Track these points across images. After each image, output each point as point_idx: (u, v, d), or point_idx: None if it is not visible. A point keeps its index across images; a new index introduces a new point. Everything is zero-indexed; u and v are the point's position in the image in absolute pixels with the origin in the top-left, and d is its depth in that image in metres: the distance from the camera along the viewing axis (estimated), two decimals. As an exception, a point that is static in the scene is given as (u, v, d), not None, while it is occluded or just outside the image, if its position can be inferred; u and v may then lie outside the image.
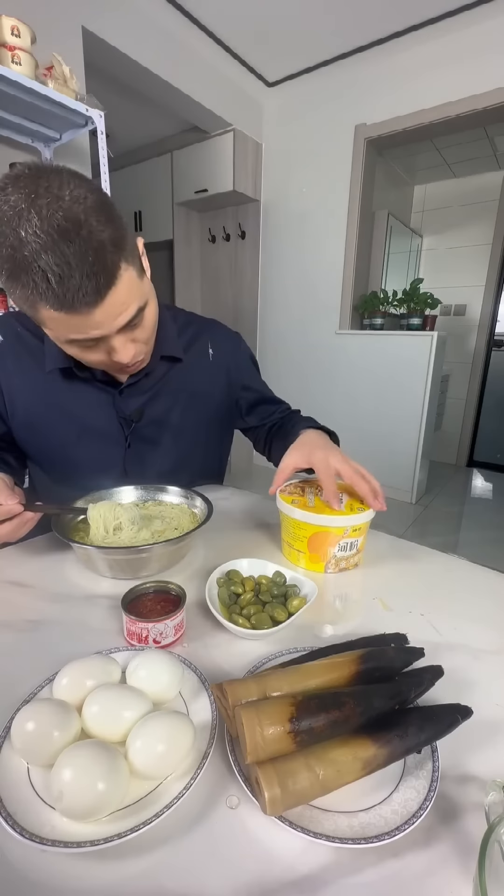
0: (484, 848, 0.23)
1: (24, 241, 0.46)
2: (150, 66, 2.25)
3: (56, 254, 0.47)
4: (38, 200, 0.46)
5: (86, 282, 0.49)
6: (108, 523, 0.61)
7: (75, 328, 0.55)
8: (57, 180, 0.48)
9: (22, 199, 0.46)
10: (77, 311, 0.51)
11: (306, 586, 0.54)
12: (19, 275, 0.49)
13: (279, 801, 0.28)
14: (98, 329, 0.56)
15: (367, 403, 2.96)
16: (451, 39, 2.29)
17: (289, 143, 2.98)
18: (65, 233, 0.47)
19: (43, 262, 0.47)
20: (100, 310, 0.53)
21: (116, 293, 0.53)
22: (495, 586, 0.61)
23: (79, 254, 0.48)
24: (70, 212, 0.47)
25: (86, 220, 0.48)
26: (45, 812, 0.29)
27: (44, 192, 0.47)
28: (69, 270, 0.48)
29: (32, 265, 0.47)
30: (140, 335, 0.63)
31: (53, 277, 0.48)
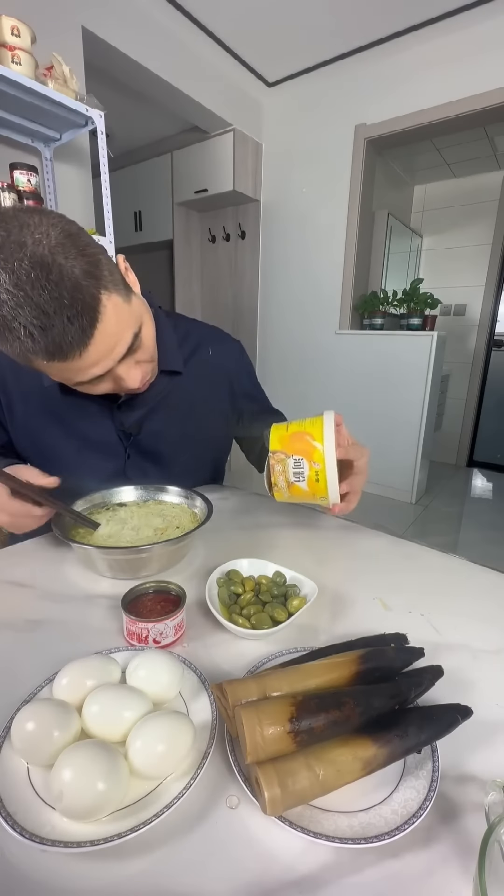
0: (484, 848, 0.23)
1: (5, 312, 0.46)
2: (150, 66, 2.25)
3: (31, 307, 0.45)
4: (2, 253, 0.45)
5: (69, 327, 0.47)
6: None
7: (76, 372, 0.54)
8: (16, 224, 0.46)
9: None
10: (69, 357, 0.50)
11: (306, 586, 0.54)
12: (4, 334, 0.47)
13: (279, 801, 0.28)
14: (98, 367, 0.55)
15: (366, 403, 2.96)
16: (451, 39, 2.30)
17: (289, 143, 2.98)
18: (34, 281, 0.45)
19: (22, 318, 0.46)
20: (92, 349, 0.51)
21: (104, 327, 0.51)
22: (495, 586, 0.61)
23: (54, 300, 0.46)
24: (35, 257, 0.45)
25: (53, 261, 0.46)
26: (45, 812, 0.29)
27: (4, 241, 0.45)
28: (49, 321, 0.46)
29: (13, 323, 0.46)
30: (143, 356, 0.62)
31: (35, 331, 0.46)
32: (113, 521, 0.66)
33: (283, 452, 0.57)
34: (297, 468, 0.56)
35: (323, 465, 0.55)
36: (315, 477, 0.56)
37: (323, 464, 0.55)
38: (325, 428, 0.56)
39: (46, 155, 1.86)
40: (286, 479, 0.57)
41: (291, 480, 0.57)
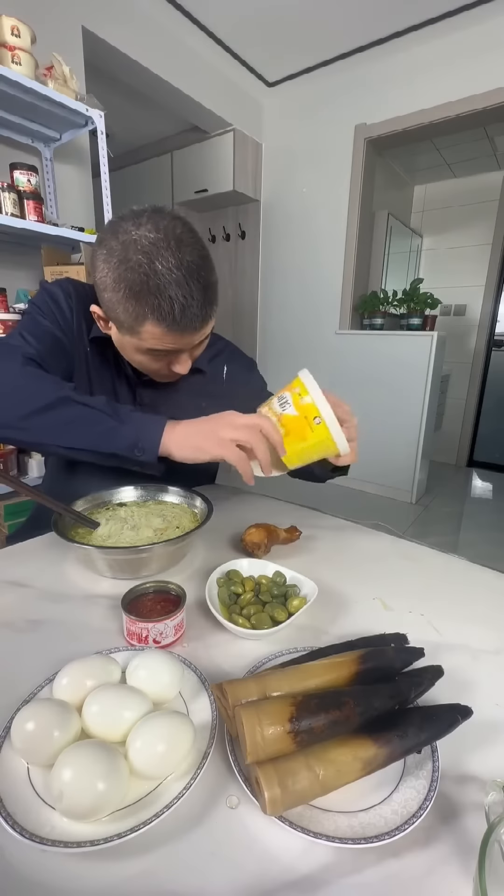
0: (484, 848, 0.23)
1: (159, 273, 0.56)
2: (150, 66, 2.25)
3: (185, 288, 0.57)
4: (177, 246, 0.56)
5: (199, 311, 0.60)
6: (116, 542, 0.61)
7: (166, 342, 0.62)
8: (184, 235, 0.58)
9: (162, 238, 0.56)
10: (184, 333, 0.61)
11: (306, 586, 0.54)
12: (146, 297, 0.57)
13: (279, 801, 0.28)
14: (180, 344, 0.63)
15: (366, 403, 2.96)
16: (451, 39, 2.30)
17: (289, 143, 2.98)
18: (193, 271, 0.57)
19: (173, 292, 0.56)
20: (197, 335, 0.63)
21: (211, 323, 0.65)
22: (495, 586, 0.61)
23: (200, 289, 0.59)
24: (196, 260, 0.58)
25: (205, 267, 0.59)
26: (45, 812, 0.29)
27: (179, 242, 0.57)
28: (191, 302, 0.58)
29: (163, 293, 0.56)
30: (197, 352, 0.71)
31: (177, 306, 0.57)
32: (113, 520, 0.66)
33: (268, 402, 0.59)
34: (281, 401, 0.58)
35: (315, 409, 0.55)
36: (304, 411, 0.55)
37: (316, 409, 0.55)
38: (304, 380, 0.57)
39: (46, 155, 1.86)
40: (275, 414, 0.58)
41: (279, 412, 0.57)
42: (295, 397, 0.57)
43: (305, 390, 0.56)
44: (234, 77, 2.74)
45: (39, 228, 1.58)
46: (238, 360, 0.93)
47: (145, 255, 0.56)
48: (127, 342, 0.65)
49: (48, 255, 1.73)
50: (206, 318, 0.62)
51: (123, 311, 0.60)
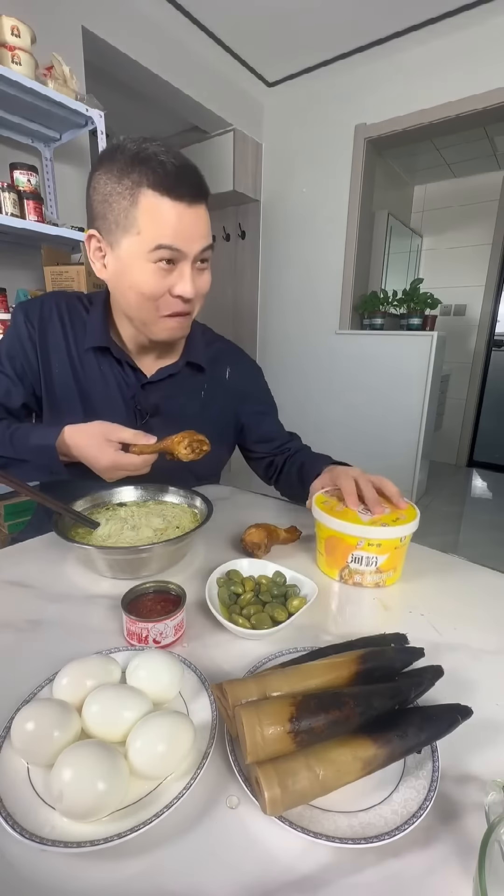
0: (484, 848, 0.23)
1: (149, 148, 0.60)
2: (150, 66, 2.25)
3: (175, 158, 0.61)
4: (160, 141, 0.62)
5: (193, 178, 0.62)
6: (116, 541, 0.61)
7: (172, 226, 0.62)
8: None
9: (146, 139, 0.62)
10: (180, 196, 0.61)
11: (306, 586, 0.54)
12: (138, 167, 0.60)
13: (279, 801, 0.28)
14: (185, 237, 0.63)
15: (367, 403, 2.96)
16: (451, 39, 2.29)
17: (289, 143, 2.98)
18: (181, 155, 0.62)
19: (164, 157, 0.60)
20: (192, 212, 0.63)
21: (203, 212, 0.65)
22: (495, 586, 0.61)
23: (191, 167, 0.63)
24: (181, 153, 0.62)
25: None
26: (45, 812, 0.29)
27: (161, 139, 0.63)
28: (181, 169, 0.61)
29: (154, 158, 0.60)
30: (200, 283, 0.70)
31: (171, 167, 0.60)
32: (113, 520, 0.66)
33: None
34: (355, 563, 0.59)
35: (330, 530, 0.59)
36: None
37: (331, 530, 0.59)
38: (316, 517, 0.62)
39: (46, 155, 1.86)
40: (357, 576, 0.60)
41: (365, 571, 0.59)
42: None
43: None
44: (234, 77, 2.74)
45: (39, 228, 1.58)
46: (243, 362, 0.93)
47: (134, 143, 0.61)
48: (126, 252, 0.64)
49: (48, 255, 1.73)
50: (199, 194, 0.63)
51: (119, 195, 0.61)
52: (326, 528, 0.59)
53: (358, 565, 0.58)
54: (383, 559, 0.57)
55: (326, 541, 0.61)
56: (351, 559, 0.58)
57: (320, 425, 3.19)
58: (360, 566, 0.58)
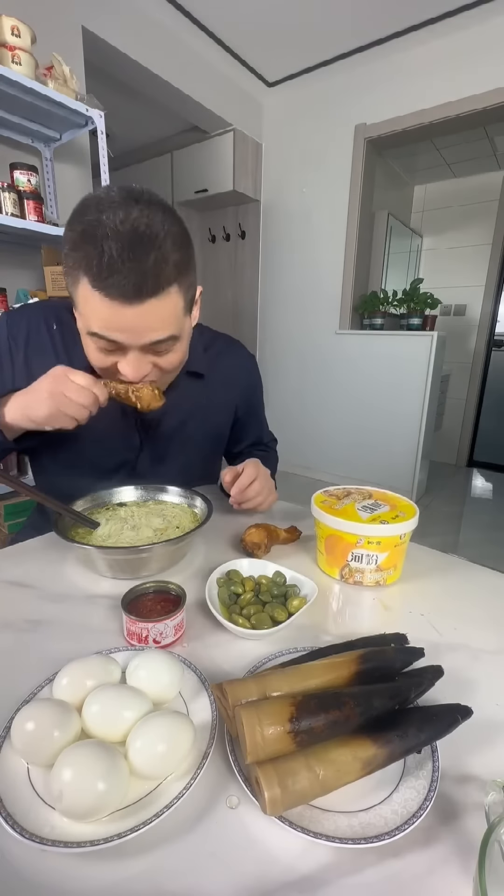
0: (484, 848, 0.23)
1: (102, 224, 0.51)
2: (150, 66, 2.25)
3: (120, 246, 0.51)
4: (132, 207, 0.52)
5: (132, 277, 0.52)
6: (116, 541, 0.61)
7: (104, 320, 0.56)
8: (159, 208, 0.54)
9: (122, 199, 0.52)
10: (111, 299, 0.53)
11: (306, 586, 0.54)
12: (82, 246, 0.53)
13: (279, 801, 0.28)
14: (122, 334, 0.57)
15: (367, 403, 2.96)
16: (451, 39, 2.30)
17: (289, 143, 2.98)
18: (139, 238, 0.52)
19: (107, 245, 0.51)
20: (133, 311, 0.54)
21: (155, 307, 0.55)
22: (495, 586, 0.61)
23: (139, 258, 0.52)
24: (152, 229, 0.52)
25: (163, 241, 0.53)
26: (45, 812, 0.29)
27: (142, 205, 0.53)
28: (122, 263, 0.52)
29: (97, 243, 0.51)
30: (163, 363, 0.63)
31: (107, 258, 0.51)
32: (113, 520, 0.66)
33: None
34: (356, 561, 0.59)
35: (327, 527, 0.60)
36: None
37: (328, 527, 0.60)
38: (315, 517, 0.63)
39: (46, 155, 1.86)
40: (358, 574, 0.60)
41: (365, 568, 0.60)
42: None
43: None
44: (234, 77, 2.74)
45: (39, 228, 1.58)
46: (241, 357, 0.93)
47: (98, 209, 0.52)
48: (79, 320, 0.61)
49: (48, 255, 1.73)
50: (144, 291, 0.53)
51: (67, 271, 0.57)
52: (326, 526, 0.59)
53: (358, 563, 0.58)
54: (383, 557, 0.58)
55: (326, 540, 0.61)
56: (351, 557, 0.58)
57: (320, 425, 3.19)
58: (361, 564, 0.58)
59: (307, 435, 3.23)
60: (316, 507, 0.62)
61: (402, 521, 0.57)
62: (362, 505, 0.62)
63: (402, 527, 0.56)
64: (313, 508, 0.62)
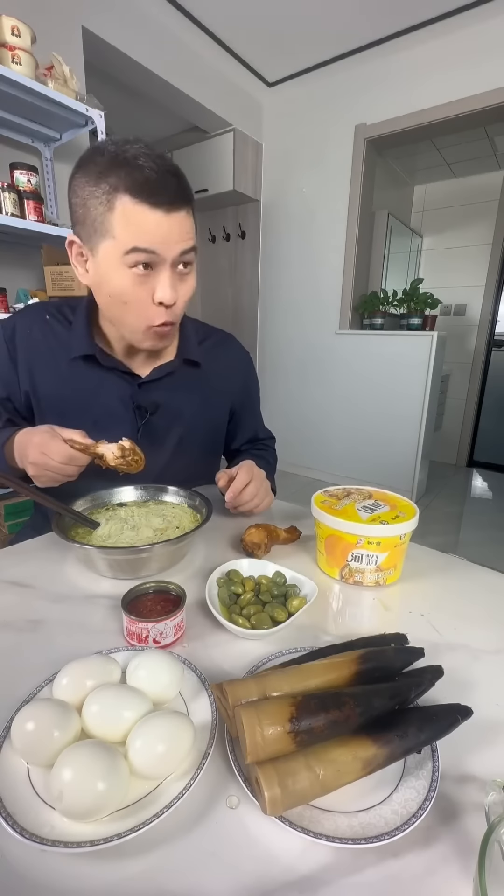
0: (484, 848, 0.23)
1: (129, 151, 0.58)
2: (150, 66, 2.25)
3: (155, 162, 0.58)
4: (142, 142, 0.60)
5: (170, 186, 0.60)
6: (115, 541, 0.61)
7: (142, 230, 0.60)
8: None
9: (130, 139, 0.60)
10: (158, 203, 0.59)
11: (306, 586, 0.54)
12: (115, 171, 0.58)
13: (279, 801, 0.28)
14: (163, 241, 0.61)
15: (366, 403, 2.96)
16: (451, 39, 2.29)
17: (289, 143, 2.98)
18: (162, 158, 0.60)
19: (143, 162, 0.58)
20: (170, 219, 0.60)
21: (185, 217, 0.62)
22: (495, 586, 0.61)
23: (172, 172, 0.60)
24: (165, 155, 0.61)
25: (178, 167, 0.62)
26: (45, 812, 0.29)
27: (145, 143, 0.60)
28: (162, 174, 0.59)
29: (132, 162, 0.58)
30: (182, 290, 0.67)
31: (148, 173, 0.58)
32: (113, 520, 0.66)
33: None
34: (356, 561, 0.59)
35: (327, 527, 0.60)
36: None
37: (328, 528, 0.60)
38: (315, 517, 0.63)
39: (46, 155, 1.86)
40: (358, 574, 0.60)
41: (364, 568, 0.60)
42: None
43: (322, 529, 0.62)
44: (234, 77, 2.74)
45: (39, 228, 1.58)
46: (236, 351, 0.94)
47: (116, 145, 0.59)
48: (104, 257, 0.62)
49: (48, 255, 1.73)
50: (178, 200, 0.60)
51: (95, 199, 0.59)
52: (326, 527, 0.59)
53: (358, 564, 0.58)
54: (383, 557, 0.58)
55: (326, 540, 0.61)
56: (351, 558, 0.58)
57: (320, 425, 3.19)
58: (361, 564, 0.58)
59: (307, 435, 3.23)
60: (316, 507, 0.62)
61: (402, 521, 0.57)
62: (362, 505, 0.61)
63: (402, 527, 0.56)
64: (313, 508, 0.62)
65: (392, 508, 0.61)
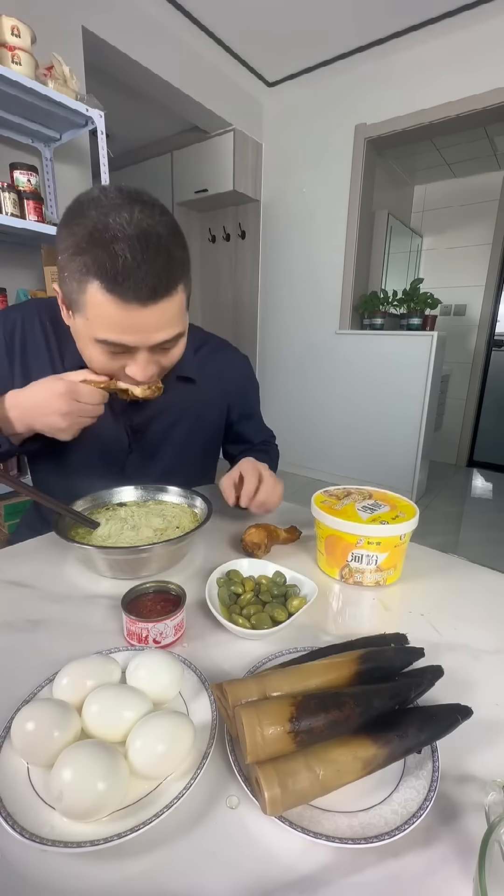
0: (484, 848, 0.23)
1: (109, 227, 0.51)
2: (150, 66, 2.25)
3: (133, 248, 0.51)
4: (135, 206, 0.52)
5: (148, 279, 0.52)
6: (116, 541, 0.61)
7: (114, 324, 0.56)
8: (157, 207, 0.55)
9: (122, 200, 0.53)
10: (127, 302, 0.53)
11: (306, 586, 0.54)
12: (90, 250, 0.52)
13: (279, 801, 0.28)
14: (134, 336, 0.57)
15: (367, 403, 2.96)
16: (451, 39, 2.29)
17: (289, 143, 2.98)
18: (147, 237, 0.52)
19: (119, 248, 0.51)
20: (147, 312, 0.55)
21: (166, 306, 0.56)
22: (495, 586, 0.61)
23: (152, 258, 0.52)
24: (157, 227, 0.53)
25: (167, 238, 0.54)
26: (45, 812, 0.29)
27: (142, 205, 0.53)
28: (137, 264, 0.51)
29: (108, 246, 0.51)
30: (165, 361, 0.65)
31: (121, 261, 0.51)
32: (113, 520, 0.66)
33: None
34: (356, 562, 0.59)
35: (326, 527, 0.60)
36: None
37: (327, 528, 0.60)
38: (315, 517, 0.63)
39: (46, 155, 1.86)
40: (358, 574, 0.60)
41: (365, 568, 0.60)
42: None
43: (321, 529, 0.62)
44: (234, 77, 2.74)
45: (39, 228, 1.58)
46: (232, 359, 0.91)
47: (101, 211, 0.52)
48: (80, 328, 0.59)
49: (48, 255, 1.73)
50: (159, 291, 0.54)
51: (70, 275, 0.55)
52: (326, 527, 0.59)
53: (358, 564, 0.58)
54: (383, 557, 0.58)
55: (326, 540, 0.61)
56: (351, 558, 0.58)
57: (320, 425, 3.19)
58: (361, 565, 0.58)
59: (307, 435, 3.23)
60: (316, 507, 0.62)
61: (402, 521, 0.57)
62: (362, 505, 0.61)
63: (402, 527, 0.56)
64: (313, 508, 0.62)
65: (392, 508, 0.61)
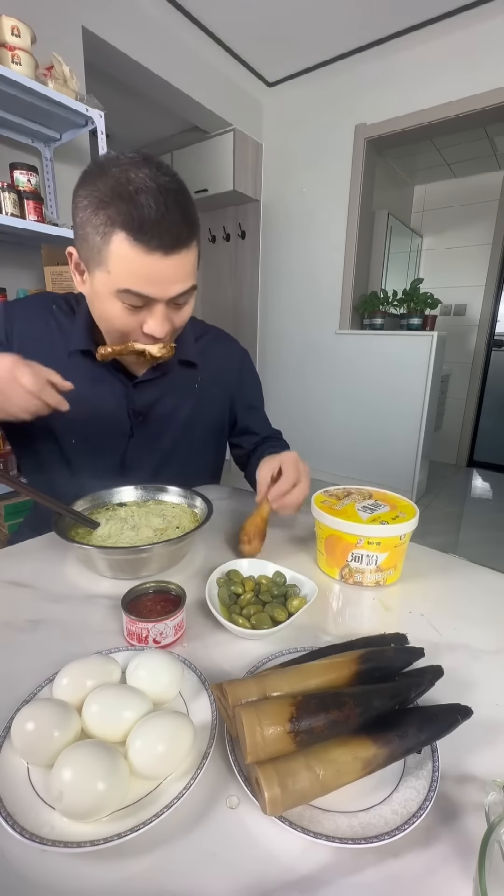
0: (484, 848, 0.23)
1: (132, 181, 0.54)
2: (150, 66, 2.25)
3: (157, 199, 0.54)
4: (151, 164, 0.55)
5: (172, 228, 0.55)
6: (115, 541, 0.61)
7: (137, 275, 0.57)
8: (169, 168, 0.58)
9: (140, 159, 0.55)
10: (151, 251, 0.56)
11: (306, 586, 0.54)
12: (115, 202, 0.54)
13: (279, 801, 0.28)
14: (154, 287, 0.59)
15: (367, 403, 2.96)
16: (451, 39, 2.29)
17: (289, 143, 2.98)
18: (167, 191, 0.55)
19: (143, 199, 0.54)
20: (169, 262, 0.57)
21: (186, 257, 0.59)
22: (495, 586, 0.61)
23: (175, 208, 0.55)
24: (175, 186, 0.56)
25: (183, 194, 0.57)
26: (45, 812, 0.29)
27: (156, 164, 0.56)
28: (161, 215, 0.54)
29: (134, 198, 0.53)
30: (177, 319, 0.66)
31: (148, 212, 0.54)
32: (113, 520, 0.66)
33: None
34: (356, 562, 0.59)
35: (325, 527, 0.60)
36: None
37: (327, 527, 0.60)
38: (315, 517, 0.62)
39: (46, 155, 1.86)
40: (358, 574, 0.60)
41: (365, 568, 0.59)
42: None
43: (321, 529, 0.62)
44: (234, 77, 2.74)
45: (39, 228, 1.58)
46: (234, 350, 0.92)
47: (121, 168, 0.54)
48: (99, 285, 0.60)
49: (48, 255, 1.73)
50: (182, 239, 0.57)
51: (93, 229, 0.56)
52: (326, 527, 0.59)
53: (358, 564, 0.58)
54: (383, 557, 0.58)
55: (326, 540, 0.61)
56: (351, 558, 0.58)
57: (320, 425, 3.19)
58: (361, 565, 0.58)
59: (307, 435, 3.23)
60: (316, 507, 0.62)
61: (402, 521, 0.57)
62: (362, 505, 0.61)
63: (402, 527, 0.56)
64: (313, 508, 0.62)
65: (392, 508, 0.61)
